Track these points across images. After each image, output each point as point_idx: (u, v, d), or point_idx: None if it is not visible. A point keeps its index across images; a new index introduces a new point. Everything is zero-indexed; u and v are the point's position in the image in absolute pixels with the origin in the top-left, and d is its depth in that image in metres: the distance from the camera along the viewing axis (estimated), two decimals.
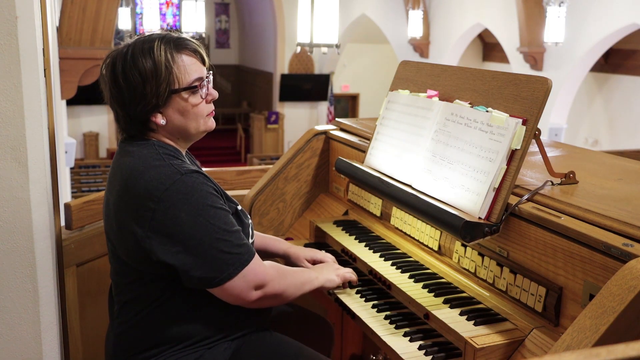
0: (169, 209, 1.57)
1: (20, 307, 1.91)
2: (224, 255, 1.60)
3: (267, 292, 1.68)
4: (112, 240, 1.71)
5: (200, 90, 1.69)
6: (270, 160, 13.38)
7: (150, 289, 1.68)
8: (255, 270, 1.64)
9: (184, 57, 1.68)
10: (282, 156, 2.71)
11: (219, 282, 1.60)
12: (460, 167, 1.84)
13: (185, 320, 1.69)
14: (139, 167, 1.62)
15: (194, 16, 11.46)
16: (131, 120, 1.67)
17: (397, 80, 2.33)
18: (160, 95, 1.64)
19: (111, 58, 1.68)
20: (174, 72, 1.64)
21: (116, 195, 1.66)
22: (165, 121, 1.68)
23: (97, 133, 14.44)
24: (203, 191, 1.60)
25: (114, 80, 1.65)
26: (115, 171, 1.71)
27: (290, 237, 2.58)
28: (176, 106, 1.67)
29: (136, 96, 1.63)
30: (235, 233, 1.64)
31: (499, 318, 1.66)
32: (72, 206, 2.33)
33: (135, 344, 1.71)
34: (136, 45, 1.65)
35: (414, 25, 11.86)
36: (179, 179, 1.59)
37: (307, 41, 5.50)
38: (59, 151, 3.96)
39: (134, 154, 1.66)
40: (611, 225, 1.47)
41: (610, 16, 8.90)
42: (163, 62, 1.63)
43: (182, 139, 1.75)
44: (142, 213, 1.58)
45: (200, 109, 1.71)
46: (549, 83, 1.69)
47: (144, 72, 1.62)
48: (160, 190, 1.57)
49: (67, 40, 4.95)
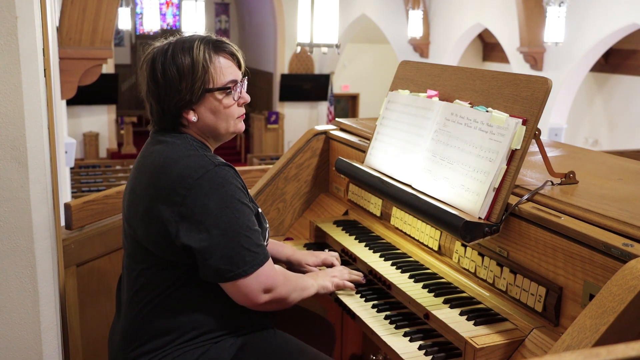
0: (199, 196, 1.61)
1: (20, 307, 1.91)
2: (243, 250, 1.63)
3: (275, 296, 1.70)
4: (133, 226, 1.73)
5: (234, 92, 1.76)
6: (270, 160, 13.38)
7: (163, 276, 1.70)
8: (267, 273, 1.67)
9: (221, 59, 1.75)
10: (282, 156, 2.71)
11: (233, 276, 1.63)
12: (460, 167, 1.84)
13: (195, 310, 1.71)
14: (173, 155, 1.68)
15: (194, 16, 11.45)
16: (164, 114, 1.73)
17: (397, 80, 2.33)
18: (195, 93, 1.70)
19: (152, 53, 1.74)
20: (210, 71, 1.71)
21: (147, 181, 1.69)
22: (197, 118, 1.73)
23: (97, 133, 14.43)
24: (233, 185, 1.65)
25: (152, 74, 1.71)
26: (146, 158, 1.74)
27: (290, 237, 2.59)
28: (209, 105, 1.73)
29: (171, 91, 1.69)
30: (256, 232, 1.68)
31: (499, 318, 1.66)
32: (72, 206, 2.33)
33: (144, 332, 1.72)
34: (177, 43, 1.73)
35: (414, 25, 11.85)
36: (212, 169, 1.64)
37: (307, 41, 5.50)
38: (59, 151, 3.97)
39: (168, 144, 1.72)
40: (611, 225, 1.47)
41: (610, 16, 8.90)
42: (201, 61, 1.70)
43: (212, 138, 1.80)
44: (173, 198, 1.63)
45: (232, 110, 1.77)
46: (549, 83, 1.69)
47: (181, 69, 1.68)
48: (194, 178, 1.62)
49: (67, 40, 4.94)
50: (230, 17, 19.80)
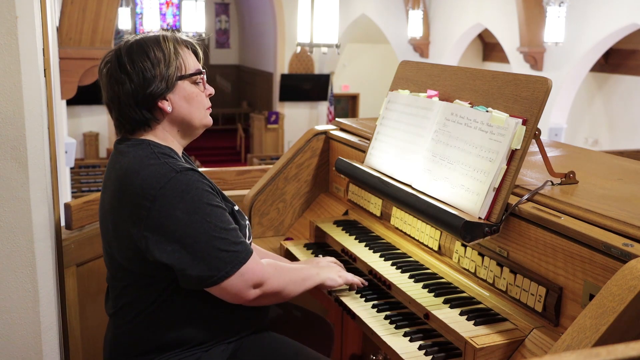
0: (164, 207, 1.57)
1: (20, 307, 1.91)
2: (220, 253, 1.59)
3: (266, 290, 1.67)
4: (109, 242, 1.71)
5: (202, 82, 1.77)
6: (270, 160, 13.38)
7: (146, 293, 1.67)
8: (253, 269, 1.63)
9: (187, 51, 1.76)
10: (282, 156, 2.71)
11: (216, 280, 1.59)
12: (460, 167, 1.84)
13: (182, 324, 1.68)
14: (134, 166, 1.63)
15: (194, 16, 11.46)
16: (137, 107, 1.68)
17: (397, 80, 2.33)
18: (169, 79, 1.69)
19: (113, 52, 1.73)
20: (180, 59, 1.71)
21: (111, 195, 1.66)
22: (172, 108, 1.71)
23: (97, 133, 14.44)
24: (199, 189, 1.60)
25: (121, 69, 1.68)
26: (110, 172, 1.71)
27: (290, 237, 2.59)
28: (182, 93, 1.72)
29: (145, 80, 1.66)
30: (232, 231, 1.63)
31: (499, 318, 1.66)
32: (72, 206, 2.33)
33: (132, 347, 1.71)
34: (140, 40, 1.72)
35: (414, 25, 11.86)
36: (174, 177, 1.59)
37: (307, 41, 5.50)
38: (59, 151, 3.97)
39: (129, 154, 1.67)
40: (611, 225, 1.47)
41: (610, 16, 8.90)
42: (171, 50, 1.70)
43: (182, 133, 1.76)
44: (137, 212, 1.58)
45: (203, 99, 1.77)
46: (549, 83, 1.69)
47: (153, 58, 1.68)
48: (156, 189, 1.57)
49: (67, 40, 4.94)
50: (230, 17, 19.80)
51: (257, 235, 2.60)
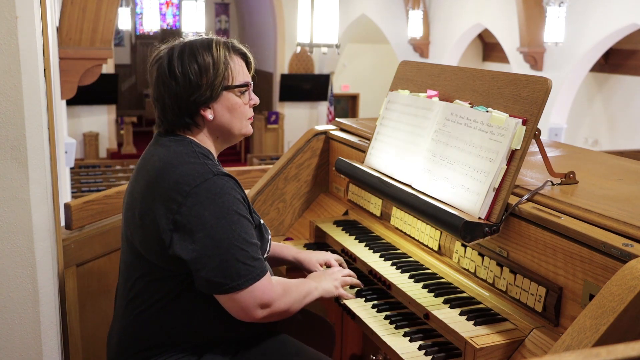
0: (195, 205, 1.59)
1: (20, 307, 1.91)
2: (237, 263, 1.59)
3: (272, 312, 1.67)
4: (131, 230, 1.71)
5: (247, 93, 1.79)
6: (270, 160, 13.38)
7: (158, 286, 1.68)
8: (264, 288, 1.63)
9: (238, 59, 1.77)
10: (282, 156, 2.71)
11: (227, 289, 1.59)
12: (460, 167, 1.84)
13: (190, 321, 1.69)
14: (173, 160, 1.65)
15: (194, 16, 11.45)
16: (180, 112, 1.71)
17: (397, 80, 2.33)
18: (215, 89, 1.70)
19: (165, 51, 1.73)
20: (230, 68, 1.73)
21: (144, 184, 1.67)
22: (213, 116, 1.73)
23: (97, 133, 14.43)
24: (231, 196, 1.62)
25: (170, 71, 1.69)
26: (146, 161, 1.72)
27: (290, 237, 2.59)
28: (226, 102, 1.74)
29: (191, 87, 1.68)
30: (253, 246, 1.64)
31: (499, 318, 1.66)
32: (72, 206, 2.33)
33: (140, 340, 1.71)
34: (194, 42, 1.73)
35: (414, 25, 11.85)
36: (211, 178, 1.61)
37: (307, 41, 5.50)
38: (59, 151, 3.96)
39: (170, 148, 1.69)
40: (611, 225, 1.47)
41: (610, 16, 8.90)
42: (221, 58, 1.71)
43: (221, 139, 1.79)
44: (168, 205, 1.60)
45: (245, 110, 1.79)
46: (548, 83, 1.69)
47: (202, 64, 1.69)
48: (191, 186, 1.60)
49: (67, 40, 4.94)
50: (230, 17, 19.80)
51: None
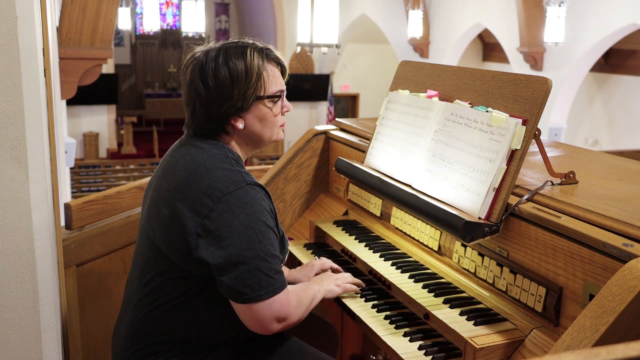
0: (225, 212, 1.58)
1: (20, 307, 1.91)
2: (260, 275, 1.58)
3: (287, 325, 1.67)
4: (154, 227, 1.70)
5: (280, 101, 1.77)
6: (270, 160, 13.36)
7: (175, 284, 1.68)
8: (282, 302, 1.62)
9: (272, 67, 1.75)
10: (282, 156, 2.71)
11: (247, 299, 1.58)
12: (460, 167, 1.84)
13: (202, 321, 1.69)
14: (207, 164, 1.65)
15: (194, 16, 11.47)
16: (210, 119, 1.70)
17: (397, 80, 2.33)
18: (246, 99, 1.68)
19: (199, 57, 1.71)
20: (263, 78, 1.71)
21: (175, 184, 1.66)
22: (244, 126, 1.72)
23: (97, 133, 14.42)
24: (261, 207, 1.62)
25: (202, 78, 1.67)
26: (177, 159, 1.71)
27: (290, 237, 2.59)
28: (257, 112, 1.72)
29: (223, 96, 1.66)
30: (277, 259, 1.64)
31: (499, 318, 1.66)
32: (72, 206, 2.33)
33: (149, 335, 1.71)
34: (228, 48, 1.70)
35: (414, 25, 11.86)
36: (243, 187, 1.62)
37: (307, 41, 5.50)
38: (59, 151, 3.96)
39: (204, 150, 1.68)
40: (611, 225, 1.47)
41: (610, 16, 8.90)
42: (255, 67, 1.69)
43: (251, 146, 1.79)
44: (198, 209, 1.59)
45: (278, 119, 1.78)
46: (548, 83, 1.69)
47: (235, 74, 1.66)
48: (224, 192, 1.59)
49: (67, 40, 4.94)
50: (230, 17, 19.80)
51: None
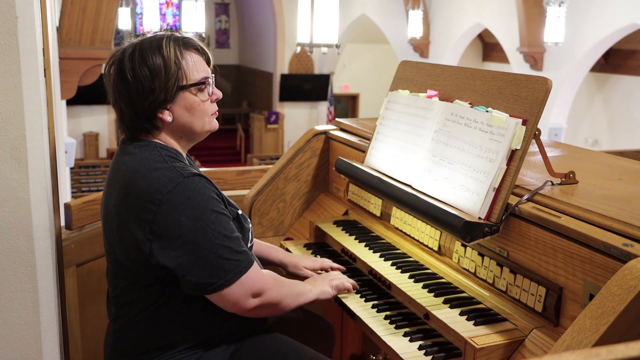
0: (170, 212, 1.56)
1: (20, 307, 1.91)
2: (222, 261, 1.59)
3: (265, 301, 1.66)
4: (111, 242, 1.70)
5: (207, 88, 1.72)
6: (270, 160, 13.38)
7: (147, 292, 1.67)
8: (253, 278, 1.63)
9: (193, 55, 1.71)
10: (282, 156, 2.71)
11: (216, 288, 1.59)
12: (460, 167, 1.84)
13: (183, 324, 1.69)
14: (141, 169, 1.62)
15: (194, 16, 11.46)
16: (137, 117, 1.67)
17: (397, 80, 2.33)
18: (169, 91, 1.64)
19: (117, 56, 1.69)
20: (183, 68, 1.66)
21: (116, 197, 1.65)
22: (172, 118, 1.68)
23: (97, 133, 14.44)
24: (205, 195, 1.60)
25: (122, 77, 1.65)
26: (116, 172, 1.69)
27: (290, 237, 2.59)
28: (183, 103, 1.68)
29: (144, 91, 1.63)
30: (235, 240, 1.63)
31: (499, 318, 1.66)
32: (72, 206, 2.33)
33: (133, 346, 1.71)
34: (144, 43, 1.67)
35: (414, 25, 11.86)
36: (181, 182, 1.59)
37: (307, 41, 5.50)
38: (59, 151, 3.97)
39: (136, 155, 1.65)
40: (611, 225, 1.47)
41: (610, 16, 8.90)
42: (172, 58, 1.65)
43: (186, 138, 1.75)
44: (142, 216, 1.58)
45: (206, 107, 1.72)
46: (549, 83, 1.69)
47: (153, 68, 1.63)
48: (162, 193, 1.57)
49: (67, 40, 4.94)
50: (230, 17, 19.80)
51: (257, 235, 2.60)
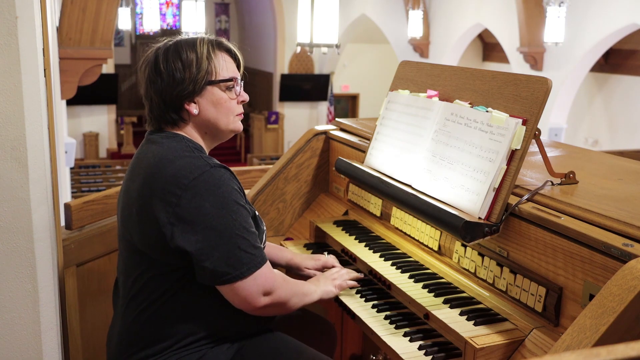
0: (194, 197, 1.60)
1: (20, 307, 1.91)
2: (239, 252, 1.61)
3: (274, 300, 1.68)
4: (128, 227, 1.72)
5: (235, 88, 1.78)
6: (270, 160, 13.38)
7: (159, 281, 1.69)
8: (266, 275, 1.66)
9: (224, 55, 1.79)
10: (282, 156, 2.71)
11: (231, 279, 1.61)
12: (460, 167, 1.84)
13: (191, 316, 1.70)
14: (169, 155, 1.67)
15: (194, 16, 11.45)
16: (165, 106, 1.73)
17: (397, 80, 2.33)
18: (198, 83, 1.72)
19: (153, 51, 1.77)
20: (213, 64, 1.74)
21: (141, 181, 1.68)
22: (198, 111, 1.74)
23: (97, 133, 14.43)
24: (229, 186, 1.65)
25: (155, 66, 1.73)
26: (141, 159, 1.73)
27: (290, 237, 2.59)
28: (210, 97, 1.74)
29: (174, 81, 1.71)
30: (253, 234, 1.66)
31: (499, 318, 1.66)
32: (72, 206, 2.33)
33: (140, 338, 1.71)
34: (180, 41, 1.77)
35: (414, 25, 11.85)
36: (208, 170, 1.63)
37: (307, 41, 5.50)
38: (59, 151, 3.97)
39: (163, 144, 1.71)
40: (611, 225, 1.47)
41: (610, 16, 8.90)
42: (204, 54, 1.74)
43: (210, 135, 1.80)
44: (168, 199, 1.61)
45: (232, 105, 1.79)
46: (549, 83, 1.69)
47: (185, 60, 1.72)
48: (189, 179, 1.61)
49: (67, 40, 4.94)
50: (230, 17, 19.80)
51: None
